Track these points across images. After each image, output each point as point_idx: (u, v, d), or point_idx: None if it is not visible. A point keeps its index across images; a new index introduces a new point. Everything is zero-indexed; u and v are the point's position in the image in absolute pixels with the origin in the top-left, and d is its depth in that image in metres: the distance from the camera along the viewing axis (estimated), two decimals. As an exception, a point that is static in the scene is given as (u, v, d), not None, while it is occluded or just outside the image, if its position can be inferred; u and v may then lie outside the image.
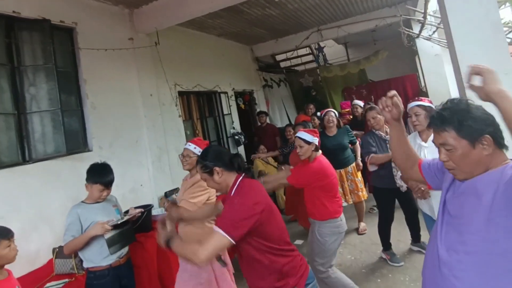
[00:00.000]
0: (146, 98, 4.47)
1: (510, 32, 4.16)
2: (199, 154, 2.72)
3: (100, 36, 3.99)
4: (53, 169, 3.20)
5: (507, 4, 5.46)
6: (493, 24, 2.70)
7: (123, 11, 4.45)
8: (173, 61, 5.21)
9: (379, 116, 3.53)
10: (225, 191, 1.80)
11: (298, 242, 4.34)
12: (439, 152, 1.20)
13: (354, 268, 3.52)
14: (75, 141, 3.57)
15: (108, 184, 2.44)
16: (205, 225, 2.43)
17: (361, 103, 5.90)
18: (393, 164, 3.34)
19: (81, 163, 3.30)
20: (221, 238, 1.51)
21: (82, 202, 2.42)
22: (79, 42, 3.74)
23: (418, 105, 2.53)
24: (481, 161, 1.12)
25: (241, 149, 6.49)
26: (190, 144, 2.64)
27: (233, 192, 1.73)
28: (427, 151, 2.41)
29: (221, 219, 1.60)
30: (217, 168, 1.76)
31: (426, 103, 2.55)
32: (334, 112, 4.50)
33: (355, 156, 4.51)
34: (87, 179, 2.41)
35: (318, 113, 5.46)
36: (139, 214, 2.58)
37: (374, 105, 3.85)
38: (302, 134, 2.79)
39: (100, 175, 2.42)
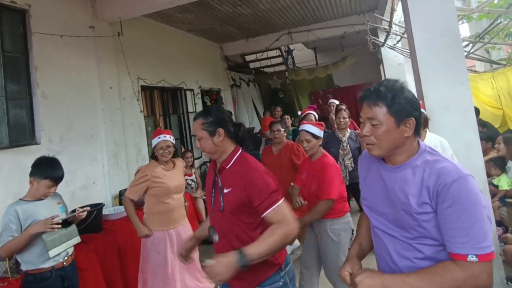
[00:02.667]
0: (105, 91, 4.23)
1: (466, 46, 4.39)
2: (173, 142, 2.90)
3: (56, 21, 3.72)
4: (-8, 162, 2.92)
5: (464, 20, 5.78)
6: (452, 35, 2.81)
7: (85, -4, 4.19)
8: (137, 53, 4.98)
9: (348, 118, 3.60)
10: (216, 157, 1.65)
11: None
12: (363, 126, 1.23)
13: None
14: (20, 132, 3.28)
15: (58, 180, 2.28)
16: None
17: (336, 101, 5.80)
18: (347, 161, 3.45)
19: (27, 156, 3.03)
20: (281, 206, 1.48)
21: (21, 199, 2.21)
22: (32, 25, 3.46)
23: None
24: (399, 142, 1.18)
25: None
26: (165, 135, 2.85)
27: (232, 162, 1.61)
28: None
29: (263, 196, 1.48)
30: (220, 130, 1.61)
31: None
32: (314, 115, 4.43)
33: None
34: (33, 174, 2.23)
35: (299, 112, 5.40)
36: (83, 216, 2.39)
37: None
38: (310, 127, 2.58)
39: (50, 169, 2.25)
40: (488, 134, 3.91)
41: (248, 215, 1.55)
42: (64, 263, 2.26)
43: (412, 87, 5.59)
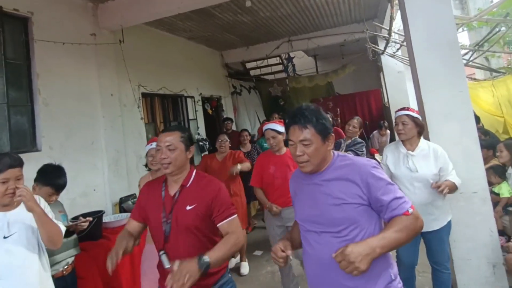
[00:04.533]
0: (106, 98, 4.24)
1: (466, 54, 4.40)
2: None
3: (58, 28, 3.75)
4: (-8, 169, 2.90)
5: (464, 28, 5.82)
6: (451, 44, 2.82)
7: (87, 4, 4.22)
8: (138, 61, 5.01)
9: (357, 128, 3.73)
10: (178, 172, 1.69)
11: (257, 253, 4.26)
12: (295, 148, 1.39)
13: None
14: (21, 139, 3.29)
15: (59, 188, 2.28)
16: None
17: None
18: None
19: (28, 163, 2.98)
20: (236, 219, 1.68)
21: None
22: (34, 33, 3.48)
23: (407, 115, 2.49)
24: (326, 154, 1.42)
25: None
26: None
27: (191, 180, 1.71)
28: (415, 159, 2.42)
29: (223, 208, 1.66)
30: (192, 147, 1.76)
31: (415, 114, 2.52)
32: None
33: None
34: (37, 180, 2.23)
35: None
36: (85, 226, 2.38)
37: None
38: (273, 125, 2.90)
39: (53, 176, 2.25)
40: (489, 142, 3.89)
41: (209, 227, 1.69)
42: (64, 272, 2.24)
43: (412, 95, 5.62)
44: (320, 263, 1.39)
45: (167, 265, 1.60)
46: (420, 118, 2.52)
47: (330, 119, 4.64)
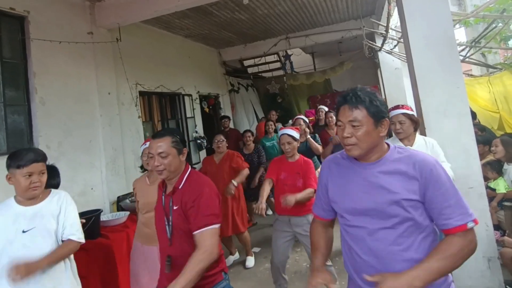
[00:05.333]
0: (103, 96, 4.23)
1: (462, 50, 4.42)
2: None
3: (55, 27, 3.74)
4: (-10, 168, 2.90)
5: (461, 25, 5.82)
6: (448, 40, 2.83)
7: (84, 3, 4.20)
8: (136, 59, 5.00)
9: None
10: (173, 175, 1.68)
11: (256, 249, 4.28)
12: (343, 129, 1.30)
13: (309, 275, 3.49)
14: (19, 138, 3.29)
15: (54, 188, 2.26)
16: None
17: (325, 108, 5.88)
18: None
19: None
20: (211, 231, 1.55)
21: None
22: (30, 32, 3.47)
23: (403, 113, 2.50)
24: (376, 141, 1.29)
25: (203, 154, 6.35)
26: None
27: (183, 182, 1.67)
28: None
29: (200, 215, 1.56)
30: (185, 150, 1.72)
31: (410, 112, 2.54)
32: (303, 119, 4.51)
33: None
34: None
35: (290, 121, 5.47)
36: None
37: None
38: (290, 131, 2.94)
39: (48, 177, 2.23)
40: (485, 137, 3.92)
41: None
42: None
43: (409, 91, 5.62)
44: (376, 258, 1.27)
45: (168, 270, 1.65)
46: (415, 114, 2.53)
47: (306, 120, 4.69)
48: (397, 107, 2.57)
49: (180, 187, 1.67)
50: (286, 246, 2.91)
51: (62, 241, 1.93)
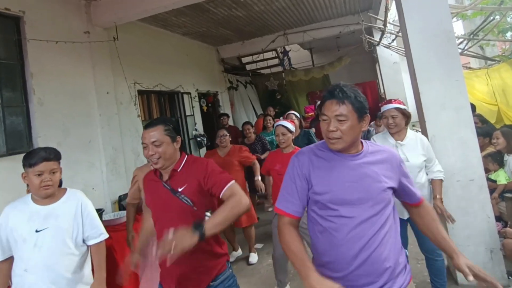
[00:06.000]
0: (101, 96, 4.22)
1: (460, 43, 4.41)
2: None
3: (51, 27, 3.71)
4: (-10, 170, 2.90)
5: (458, 18, 5.81)
6: (446, 33, 2.82)
7: (79, 2, 4.18)
8: (133, 58, 4.98)
9: None
10: (169, 163, 1.68)
11: (258, 246, 4.28)
12: (328, 123, 1.34)
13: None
14: (17, 140, 3.27)
15: None
16: None
17: None
18: None
19: None
20: (235, 184, 1.61)
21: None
22: (26, 32, 3.45)
23: (396, 108, 2.52)
24: (358, 135, 1.37)
25: (203, 151, 6.34)
26: None
27: (181, 166, 1.69)
28: (405, 149, 2.46)
29: (218, 177, 1.62)
30: (179, 137, 1.74)
31: (402, 106, 2.56)
32: (295, 114, 4.51)
33: None
34: None
35: (281, 118, 5.46)
36: None
37: None
38: (285, 123, 2.99)
39: None
40: (485, 129, 3.92)
41: (204, 204, 1.67)
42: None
43: (408, 85, 5.61)
44: (359, 246, 1.30)
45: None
46: (407, 108, 2.55)
47: (297, 115, 4.64)
48: (389, 101, 2.59)
49: (179, 169, 1.68)
50: None
51: (84, 241, 1.96)
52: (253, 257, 3.96)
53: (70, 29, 3.96)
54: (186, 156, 1.76)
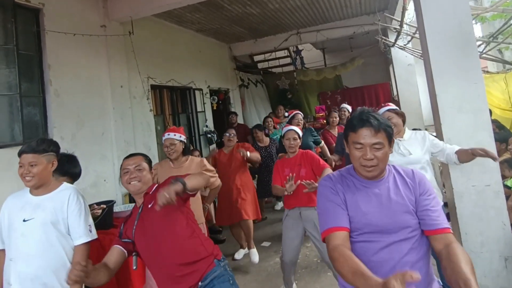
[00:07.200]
0: (116, 90, 4.26)
1: (479, 46, 4.32)
2: (182, 140, 3.00)
3: (69, 20, 3.77)
4: (6, 158, 2.94)
5: (477, 21, 5.70)
6: (466, 35, 2.77)
7: (96, -4, 4.23)
8: (147, 53, 5.02)
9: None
10: (145, 188, 1.86)
11: (265, 244, 4.28)
12: (365, 151, 1.34)
13: (319, 270, 3.48)
14: (34, 129, 3.33)
15: (76, 177, 2.36)
16: None
17: (349, 107, 5.45)
18: None
19: None
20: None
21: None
22: (45, 24, 3.50)
23: (389, 110, 2.58)
24: (388, 160, 1.41)
25: (213, 148, 6.36)
26: (169, 133, 2.96)
27: (152, 191, 1.83)
28: (406, 144, 2.48)
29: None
30: (153, 170, 1.97)
31: (394, 106, 2.63)
32: (300, 114, 4.57)
33: (323, 155, 4.50)
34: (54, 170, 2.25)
35: (286, 113, 5.45)
36: (99, 213, 2.43)
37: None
38: (297, 129, 3.10)
39: (70, 166, 2.32)
40: (502, 135, 3.85)
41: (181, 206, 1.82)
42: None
43: (422, 88, 5.52)
44: (385, 270, 1.26)
45: (134, 266, 1.81)
46: (399, 109, 2.63)
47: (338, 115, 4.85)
48: (380, 106, 2.67)
49: (151, 192, 1.83)
50: (297, 244, 2.91)
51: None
52: (254, 255, 3.79)
53: (87, 22, 4.00)
54: (156, 185, 1.92)
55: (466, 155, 2.51)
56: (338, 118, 4.97)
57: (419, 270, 1.23)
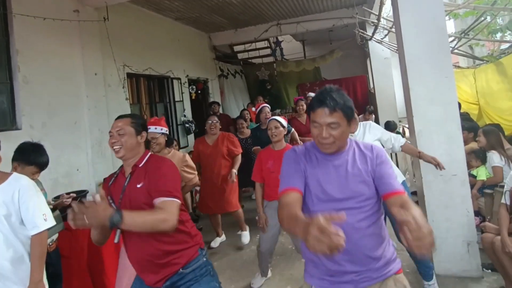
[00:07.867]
0: (89, 77, 4.13)
1: (452, 41, 4.47)
2: (164, 132, 2.92)
3: (39, 3, 3.59)
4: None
5: (450, 17, 5.87)
6: (439, 30, 2.86)
7: (69, -21, 4.05)
8: (124, 40, 4.87)
9: None
10: (130, 155, 1.69)
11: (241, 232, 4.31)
12: (321, 130, 1.38)
13: (294, 258, 3.55)
14: (1, 117, 3.18)
15: (43, 166, 2.28)
16: None
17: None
18: None
19: (7, 142, 2.87)
20: (176, 204, 1.56)
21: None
22: (13, 6, 3.33)
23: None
24: (347, 137, 1.46)
25: (191, 138, 6.30)
26: (150, 127, 2.76)
27: (144, 161, 1.71)
28: (358, 138, 2.58)
29: (161, 187, 1.58)
30: (144, 133, 1.76)
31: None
32: (268, 107, 4.57)
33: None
34: (17, 159, 2.19)
35: (254, 108, 5.44)
36: (69, 202, 2.37)
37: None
38: (278, 117, 3.04)
39: (36, 155, 2.23)
40: (471, 124, 4.04)
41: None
42: (48, 249, 2.21)
43: (397, 81, 5.67)
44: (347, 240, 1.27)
45: (116, 239, 1.68)
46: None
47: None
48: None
49: (141, 165, 1.70)
50: (274, 234, 2.95)
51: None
52: (245, 236, 4.02)
53: (58, 6, 3.83)
54: (150, 153, 1.77)
55: (411, 152, 2.76)
56: (305, 106, 5.11)
57: (371, 234, 1.39)
